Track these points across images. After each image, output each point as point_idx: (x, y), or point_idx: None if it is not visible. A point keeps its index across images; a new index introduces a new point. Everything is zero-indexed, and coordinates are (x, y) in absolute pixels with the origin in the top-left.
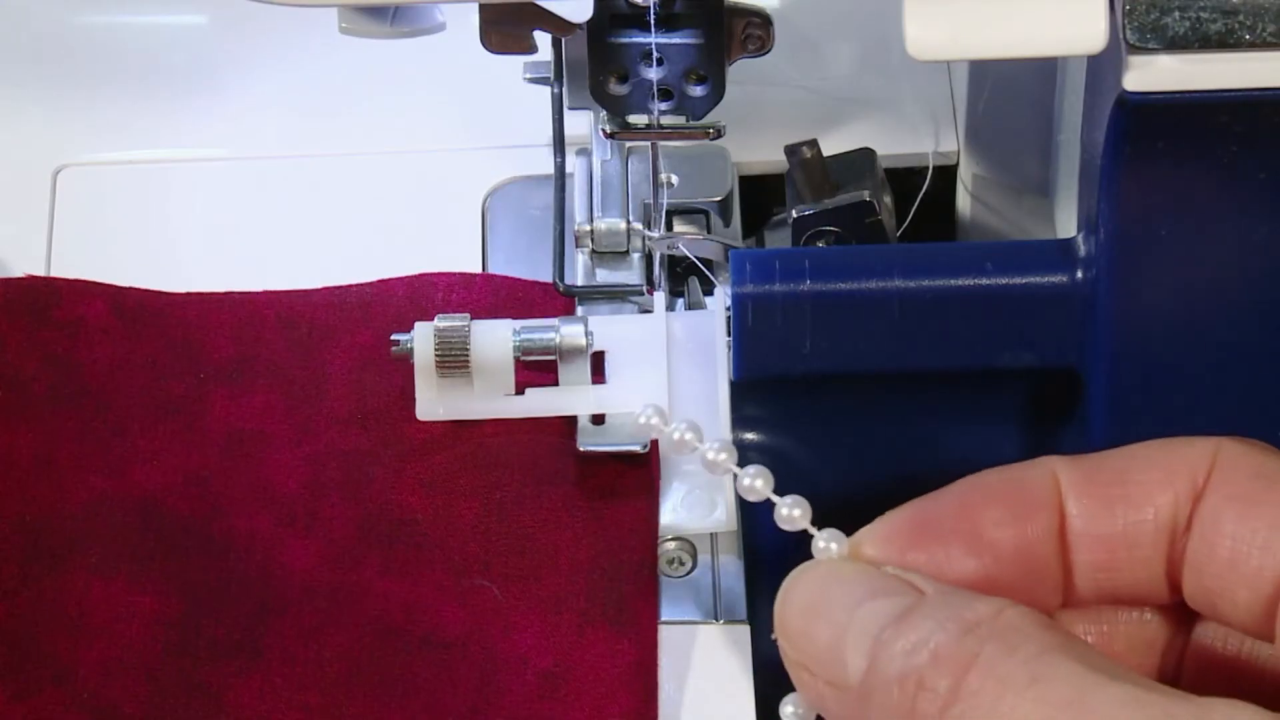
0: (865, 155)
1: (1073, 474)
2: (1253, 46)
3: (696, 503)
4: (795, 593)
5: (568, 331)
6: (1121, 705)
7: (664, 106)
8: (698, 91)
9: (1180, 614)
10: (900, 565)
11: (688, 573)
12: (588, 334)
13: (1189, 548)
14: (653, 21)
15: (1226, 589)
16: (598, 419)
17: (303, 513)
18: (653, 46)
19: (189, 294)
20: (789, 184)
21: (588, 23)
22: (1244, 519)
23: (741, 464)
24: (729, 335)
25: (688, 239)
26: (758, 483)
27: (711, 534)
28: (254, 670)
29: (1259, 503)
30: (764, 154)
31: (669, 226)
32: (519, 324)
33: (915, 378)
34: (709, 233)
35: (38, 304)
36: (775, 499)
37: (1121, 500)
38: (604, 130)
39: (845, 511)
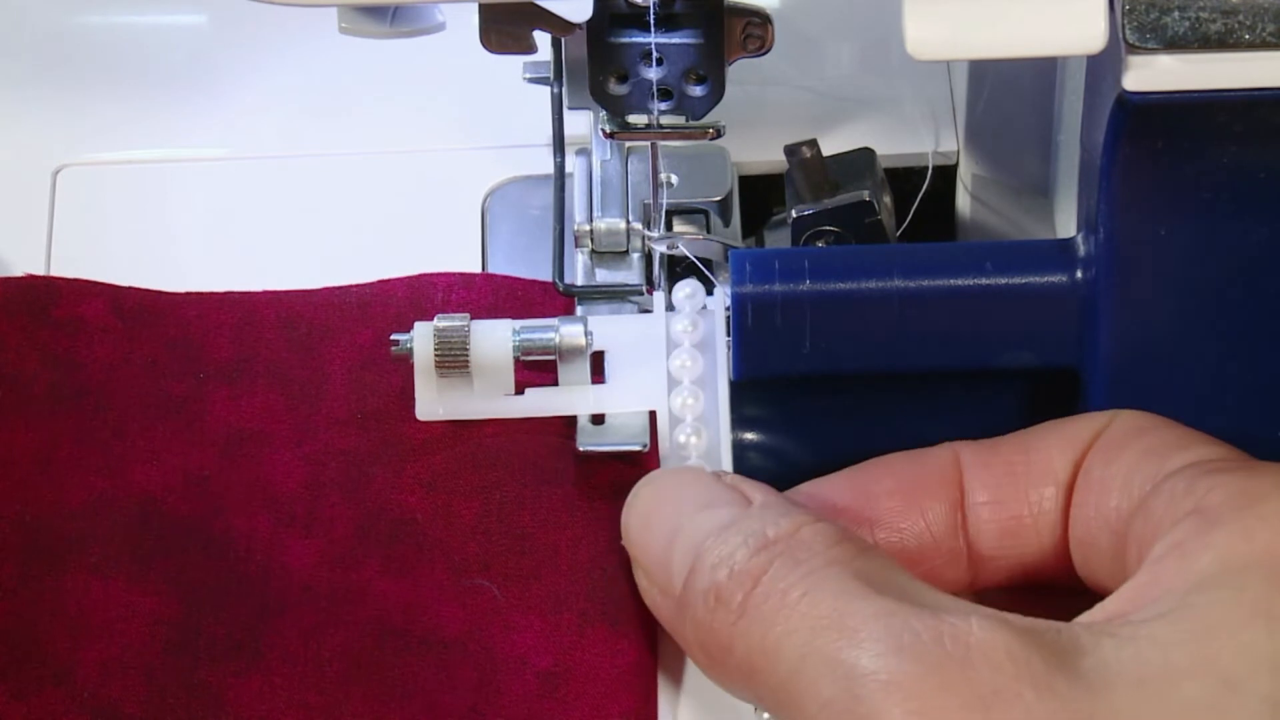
0: (865, 155)
1: (975, 451)
2: (1253, 46)
3: None
4: (639, 498)
5: (567, 331)
6: (873, 617)
7: (664, 106)
8: (697, 91)
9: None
10: None
11: None
12: (587, 334)
13: (1072, 503)
14: (652, 21)
15: (1093, 536)
16: (598, 419)
17: (303, 513)
18: (652, 46)
19: (189, 294)
20: (789, 184)
21: (588, 23)
22: (1108, 463)
23: (741, 465)
24: (729, 335)
25: (688, 239)
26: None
27: None
28: (254, 670)
29: (1124, 448)
30: (764, 154)
31: (669, 226)
32: (519, 324)
33: (915, 378)
34: (709, 233)
35: (37, 303)
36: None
37: (1024, 466)
38: (604, 130)
39: None
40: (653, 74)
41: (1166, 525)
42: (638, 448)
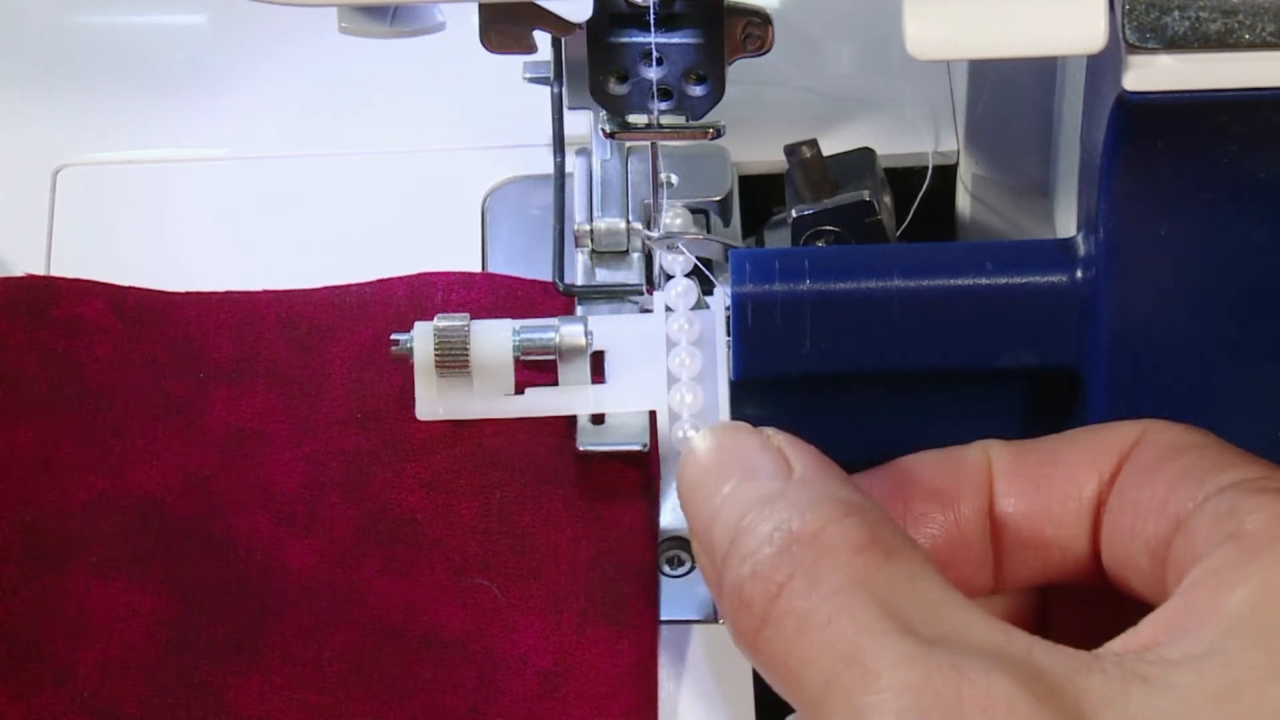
0: (865, 155)
1: (1005, 456)
2: (1252, 46)
3: None
4: (687, 462)
5: (567, 331)
6: (895, 664)
7: (664, 106)
8: (697, 91)
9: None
10: None
11: (687, 573)
12: (587, 334)
13: (1104, 522)
14: (652, 21)
15: (1131, 558)
16: (598, 419)
17: (303, 512)
18: (652, 46)
19: (189, 293)
20: (789, 184)
21: (588, 22)
22: (1144, 485)
23: None
24: (729, 335)
25: (688, 239)
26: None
27: None
28: (254, 670)
29: (1160, 470)
30: (764, 154)
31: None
32: (519, 324)
33: (915, 378)
34: (709, 233)
35: (37, 303)
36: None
37: (1049, 480)
38: (604, 130)
39: None
40: (653, 74)
41: (1207, 547)
42: (638, 448)
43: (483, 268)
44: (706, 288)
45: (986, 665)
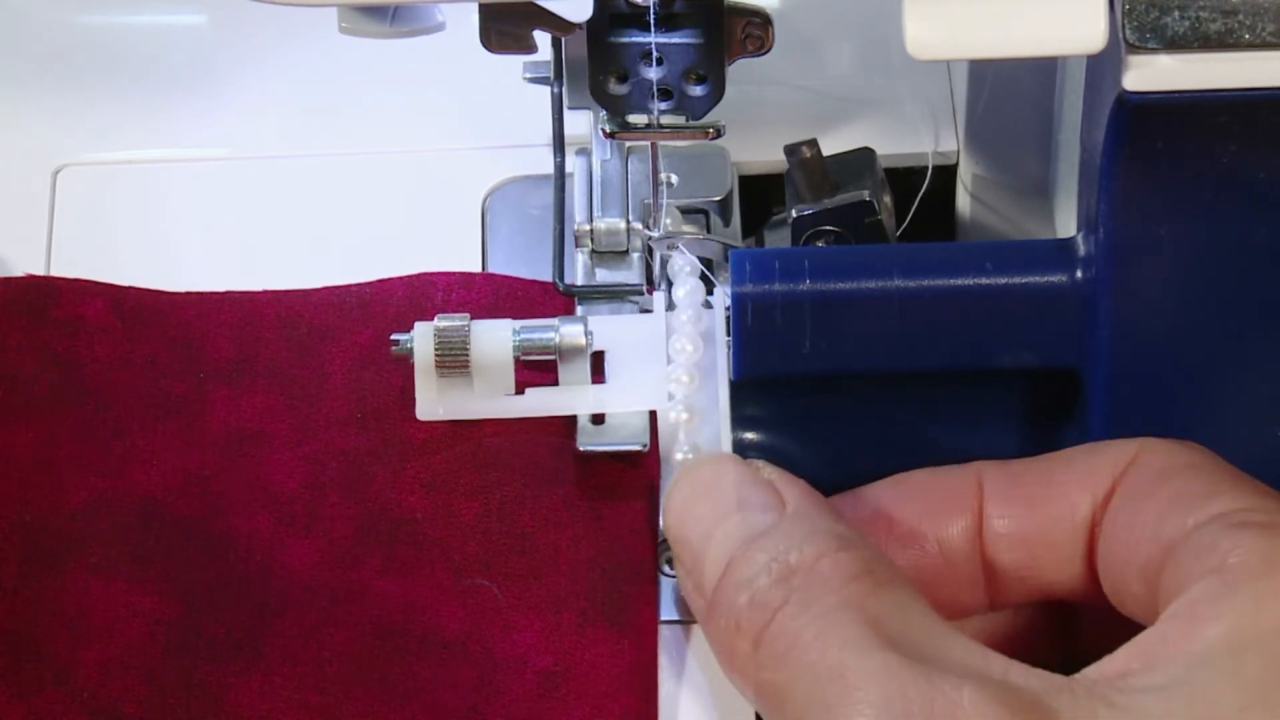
0: (865, 155)
1: (997, 477)
2: (1252, 46)
3: None
4: (677, 491)
5: (567, 331)
6: (872, 676)
7: (664, 106)
8: (697, 91)
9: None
10: None
11: None
12: (587, 334)
13: (1099, 546)
14: (652, 21)
15: (1126, 583)
16: (598, 419)
17: (303, 512)
18: (652, 46)
19: (189, 293)
20: (789, 184)
21: (588, 23)
22: (1136, 511)
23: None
24: (729, 335)
25: (688, 239)
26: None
27: None
28: (254, 670)
29: (1152, 494)
30: (764, 154)
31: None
32: (519, 324)
33: (915, 378)
34: (709, 233)
35: (37, 303)
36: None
37: (1042, 501)
38: (604, 130)
39: None
40: (653, 74)
41: (1190, 580)
42: (638, 448)
43: (483, 268)
44: (706, 288)
45: (960, 679)
